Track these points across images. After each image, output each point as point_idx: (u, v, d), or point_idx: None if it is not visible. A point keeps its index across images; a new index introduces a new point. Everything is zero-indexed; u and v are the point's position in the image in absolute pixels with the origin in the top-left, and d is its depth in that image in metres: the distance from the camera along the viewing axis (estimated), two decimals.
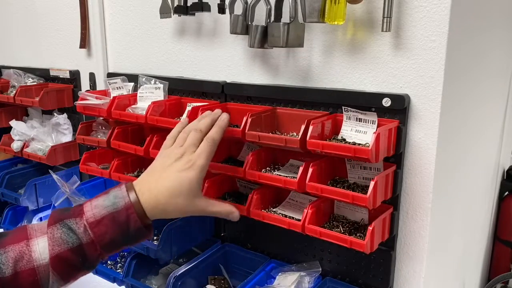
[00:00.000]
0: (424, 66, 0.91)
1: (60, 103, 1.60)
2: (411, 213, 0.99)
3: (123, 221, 0.77)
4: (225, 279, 1.22)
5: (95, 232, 0.76)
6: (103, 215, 0.76)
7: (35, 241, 0.75)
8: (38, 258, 0.74)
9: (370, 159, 0.84)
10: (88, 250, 0.76)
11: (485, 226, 1.61)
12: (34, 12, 1.72)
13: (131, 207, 0.78)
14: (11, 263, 0.73)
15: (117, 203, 0.78)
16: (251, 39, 1.04)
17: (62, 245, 0.75)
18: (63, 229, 0.75)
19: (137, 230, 0.78)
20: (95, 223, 0.76)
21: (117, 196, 0.79)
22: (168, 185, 0.82)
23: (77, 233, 0.75)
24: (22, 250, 0.74)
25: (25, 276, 0.73)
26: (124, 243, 0.80)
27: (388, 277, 1.04)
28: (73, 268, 0.77)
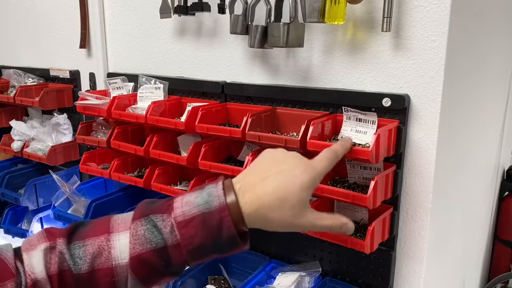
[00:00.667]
0: (424, 66, 0.91)
1: (60, 103, 1.60)
2: (411, 213, 0.99)
3: (215, 225, 0.64)
4: (225, 279, 1.22)
5: (183, 234, 0.64)
6: (193, 215, 0.64)
7: (116, 236, 0.66)
8: (118, 257, 0.65)
9: (370, 160, 0.84)
10: (172, 254, 0.65)
11: (485, 226, 1.61)
12: (34, 12, 1.72)
13: (225, 210, 0.64)
14: (89, 258, 0.64)
15: (211, 202, 0.64)
16: (251, 39, 1.04)
17: (145, 245, 0.64)
18: (148, 226, 0.65)
19: (231, 237, 0.65)
20: (183, 223, 0.64)
21: (212, 193, 0.65)
22: (275, 187, 0.66)
23: (162, 232, 0.64)
24: (101, 245, 0.65)
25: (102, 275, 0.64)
26: (214, 251, 0.67)
27: (388, 277, 1.04)
28: (155, 272, 0.66)
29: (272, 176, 0.67)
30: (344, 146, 0.82)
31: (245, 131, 0.98)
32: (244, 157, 1.05)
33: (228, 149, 1.18)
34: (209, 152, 1.10)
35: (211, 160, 1.10)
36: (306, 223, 0.68)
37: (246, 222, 0.67)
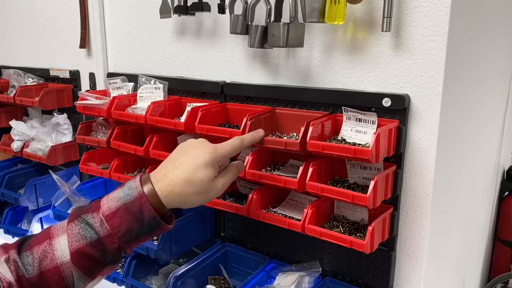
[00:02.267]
0: (424, 66, 0.91)
1: (60, 103, 1.60)
2: (411, 213, 0.99)
3: (136, 211, 0.76)
4: (225, 279, 1.22)
5: (111, 224, 0.76)
6: (117, 207, 0.77)
7: (57, 239, 0.76)
8: (60, 256, 0.75)
9: (370, 159, 0.84)
10: (107, 244, 0.76)
11: (485, 226, 1.61)
12: (34, 12, 1.72)
13: (143, 196, 0.77)
14: (36, 263, 0.74)
15: (131, 193, 0.78)
16: (251, 39, 1.04)
17: (81, 241, 0.75)
18: (81, 225, 0.76)
19: (152, 219, 0.77)
20: (110, 215, 0.76)
21: (131, 187, 0.79)
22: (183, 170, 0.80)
23: (94, 227, 0.76)
24: (45, 250, 0.76)
25: (50, 274, 0.74)
26: (142, 234, 0.78)
27: (388, 277, 1.04)
28: (96, 263, 0.77)
29: (179, 162, 0.81)
30: (253, 137, 0.94)
31: (245, 132, 0.98)
32: (244, 157, 1.05)
33: None
34: None
35: None
36: (219, 188, 0.84)
37: (165, 204, 0.79)
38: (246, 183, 1.17)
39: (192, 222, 1.25)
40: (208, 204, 1.12)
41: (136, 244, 0.80)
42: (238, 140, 0.89)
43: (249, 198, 1.04)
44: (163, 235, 1.16)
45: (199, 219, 1.28)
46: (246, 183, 1.17)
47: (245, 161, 1.01)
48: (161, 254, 1.17)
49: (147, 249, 1.18)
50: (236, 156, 1.18)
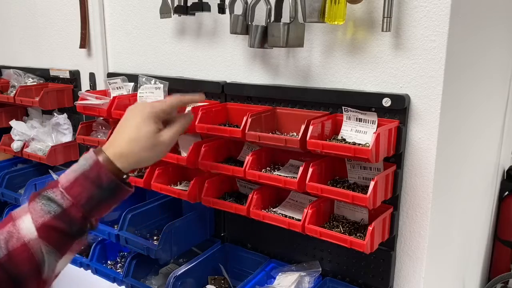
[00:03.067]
0: (424, 66, 0.91)
1: (60, 103, 1.60)
2: (411, 213, 0.99)
3: (94, 177, 0.79)
4: (225, 279, 1.22)
5: (72, 194, 0.77)
6: (75, 177, 0.78)
7: (20, 220, 0.76)
8: (26, 234, 0.75)
9: (370, 159, 0.84)
10: (71, 214, 0.77)
11: (485, 226, 1.61)
12: (34, 12, 1.72)
13: (98, 163, 0.79)
14: (3, 244, 0.74)
15: (86, 163, 0.80)
16: (251, 39, 1.04)
17: (45, 215, 0.76)
18: (43, 201, 0.77)
19: (111, 182, 0.79)
20: (70, 186, 0.78)
21: (86, 158, 0.81)
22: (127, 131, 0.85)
23: (56, 200, 0.77)
24: (10, 231, 0.75)
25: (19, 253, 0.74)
26: (104, 199, 0.80)
27: (388, 277, 1.04)
28: (64, 236, 0.77)
29: (122, 126, 0.87)
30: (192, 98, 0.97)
31: (245, 131, 0.98)
32: (244, 157, 1.05)
33: (228, 149, 1.18)
34: (209, 152, 1.10)
35: (211, 160, 1.10)
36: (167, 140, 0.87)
37: (120, 167, 0.81)
38: (246, 183, 1.17)
39: (192, 222, 1.25)
40: (208, 204, 1.12)
41: (101, 212, 0.81)
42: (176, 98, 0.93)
43: (249, 198, 1.04)
44: (163, 235, 1.17)
45: (199, 219, 1.28)
46: (246, 183, 1.17)
47: (245, 161, 1.02)
48: (161, 254, 1.17)
49: (147, 249, 1.18)
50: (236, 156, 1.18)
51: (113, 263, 1.40)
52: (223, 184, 1.17)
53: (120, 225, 1.24)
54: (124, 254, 1.43)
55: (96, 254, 1.35)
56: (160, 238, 1.17)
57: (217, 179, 1.14)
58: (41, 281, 0.76)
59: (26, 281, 0.74)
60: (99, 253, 1.35)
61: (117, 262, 1.40)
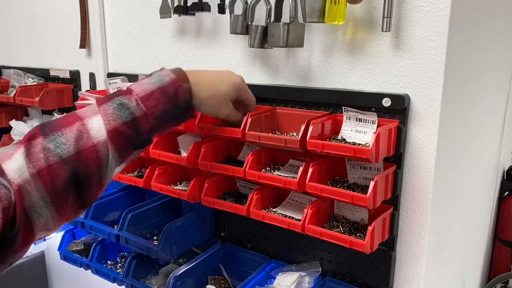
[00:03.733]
0: (424, 66, 0.91)
1: (60, 103, 1.60)
2: (411, 213, 0.99)
3: (172, 93, 0.80)
4: (225, 279, 1.22)
5: (147, 105, 0.78)
6: (153, 89, 0.79)
7: (89, 120, 0.75)
8: (96, 135, 0.74)
9: (370, 159, 0.84)
10: (141, 123, 0.78)
11: (485, 226, 1.61)
12: (34, 12, 1.72)
13: (177, 81, 0.82)
14: (72, 141, 0.72)
15: (164, 79, 0.81)
16: (251, 39, 1.04)
17: (117, 120, 0.76)
18: (115, 105, 0.77)
19: (186, 102, 0.82)
20: (146, 96, 0.78)
21: (162, 74, 0.82)
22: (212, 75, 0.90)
23: (129, 107, 0.77)
24: (79, 129, 0.74)
25: (88, 153, 0.73)
26: (175, 116, 0.83)
27: (388, 277, 1.04)
28: (129, 144, 0.78)
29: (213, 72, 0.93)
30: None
31: (245, 131, 0.98)
32: (244, 157, 1.05)
33: (228, 149, 1.18)
34: (209, 152, 1.10)
35: (211, 160, 1.10)
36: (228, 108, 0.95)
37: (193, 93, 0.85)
38: (246, 183, 1.17)
39: (192, 222, 1.25)
40: (208, 204, 1.12)
41: (165, 129, 0.84)
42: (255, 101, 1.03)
43: (249, 198, 1.04)
44: (163, 235, 1.17)
45: (199, 219, 1.28)
46: (246, 183, 1.17)
47: (245, 161, 1.02)
48: (161, 254, 1.17)
49: (147, 249, 1.18)
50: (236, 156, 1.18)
51: (113, 263, 1.40)
52: (223, 184, 1.17)
53: (120, 225, 1.24)
54: (124, 254, 1.43)
55: (96, 254, 1.35)
56: (160, 238, 1.17)
57: (217, 179, 1.14)
58: (101, 184, 0.77)
59: (89, 181, 0.74)
60: (99, 253, 1.35)
61: (117, 262, 1.40)
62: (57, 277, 1.93)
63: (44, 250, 2.00)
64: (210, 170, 1.08)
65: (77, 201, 0.74)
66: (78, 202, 0.74)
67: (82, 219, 1.32)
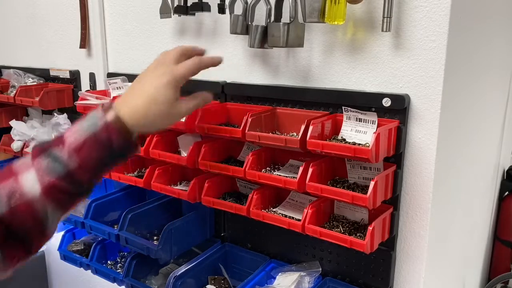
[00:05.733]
0: (424, 66, 0.91)
1: (60, 103, 1.60)
2: (411, 213, 0.99)
3: (105, 139, 0.75)
4: (225, 279, 1.22)
5: (80, 156, 0.74)
6: (85, 138, 0.74)
7: (23, 175, 0.73)
8: (30, 191, 0.72)
9: (370, 159, 0.84)
10: (77, 176, 0.74)
11: (485, 226, 1.61)
12: (34, 12, 1.72)
13: (110, 124, 0.75)
14: (5, 200, 0.70)
15: (96, 123, 0.75)
16: (251, 39, 1.04)
17: (51, 174, 0.72)
18: (49, 159, 0.73)
19: (121, 145, 0.76)
20: (78, 147, 0.74)
21: (95, 116, 0.76)
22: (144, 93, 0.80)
23: (62, 160, 0.73)
24: (12, 186, 0.72)
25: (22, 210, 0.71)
26: (112, 161, 0.78)
27: (388, 277, 1.04)
28: (69, 196, 0.75)
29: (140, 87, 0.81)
30: (212, 59, 0.89)
31: (245, 131, 0.98)
32: (244, 157, 1.05)
33: (228, 149, 1.18)
34: (209, 152, 1.10)
35: (211, 160, 1.10)
36: (182, 111, 0.83)
37: (130, 127, 0.77)
38: (246, 183, 1.17)
39: (192, 222, 1.25)
40: (208, 204, 1.12)
41: (107, 172, 0.79)
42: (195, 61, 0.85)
43: (249, 198, 1.04)
44: (163, 235, 1.17)
45: (199, 219, 1.28)
46: (246, 183, 1.17)
47: (245, 161, 1.02)
48: (161, 254, 1.17)
49: (147, 249, 1.18)
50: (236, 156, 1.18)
51: (113, 263, 1.40)
52: (223, 184, 1.17)
53: (120, 225, 1.24)
54: (124, 254, 1.43)
55: (96, 254, 1.35)
56: (160, 238, 1.17)
57: (217, 179, 1.14)
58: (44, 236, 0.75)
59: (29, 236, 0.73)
60: (99, 253, 1.35)
61: (117, 262, 1.40)
62: (57, 277, 1.93)
63: (44, 250, 1.99)
64: (210, 170, 1.08)
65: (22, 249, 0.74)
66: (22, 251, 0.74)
67: (82, 219, 1.32)
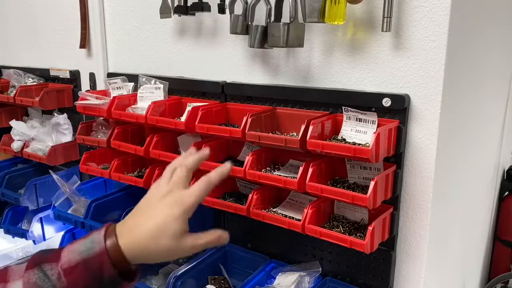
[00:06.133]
0: (424, 66, 0.91)
1: (60, 103, 1.60)
2: (411, 213, 0.99)
3: (96, 269, 0.72)
4: (225, 279, 1.22)
5: (69, 280, 0.71)
6: (77, 261, 0.72)
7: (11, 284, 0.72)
8: None
9: (370, 159, 0.84)
10: None
11: (485, 226, 1.61)
12: (34, 12, 1.72)
13: (104, 253, 0.72)
14: None
15: (92, 248, 0.73)
16: (251, 39, 1.04)
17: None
18: (40, 275, 0.72)
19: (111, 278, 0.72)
20: (69, 270, 0.72)
21: (94, 240, 0.74)
22: (151, 223, 0.76)
23: (51, 280, 0.72)
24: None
25: None
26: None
27: (388, 277, 1.04)
28: None
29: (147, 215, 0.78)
30: (220, 173, 0.83)
31: (245, 131, 0.98)
32: (244, 157, 1.05)
33: (228, 149, 1.18)
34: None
35: (211, 160, 1.10)
36: (187, 247, 0.77)
37: (129, 259, 0.73)
38: (246, 183, 1.17)
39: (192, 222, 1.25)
40: (208, 204, 1.12)
41: None
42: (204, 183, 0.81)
43: (249, 198, 1.04)
44: None
45: (199, 219, 1.28)
46: (246, 183, 1.17)
47: (245, 161, 1.02)
48: None
49: None
50: (236, 156, 1.18)
51: None
52: (223, 184, 1.16)
53: None
54: None
55: None
56: None
57: None
58: None
59: None
60: None
61: None
62: None
63: None
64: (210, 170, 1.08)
65: None
66: None
67: (82, 219, 1.32)
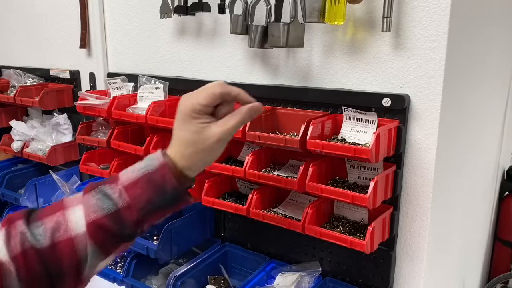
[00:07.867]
0: (424, 66, 0.91)
1: (60, 103, 1.60)
2: (411, 213, 0.99)
3: (158, 181, 0.72)
4: (225, 279, 1.22)
5: (131, 194, 0.71)
6: (138, 177, 0.72)
7: (71, 210, 0.71)
8: (75, 228, 0.69)
9: (370, 159, 0.84)
10: (125, 216, 0.70)
11: (485, 226, 1.61)
12: (34, 12, 1.72)
13: (165, 166, 0.72)
14: (49, 233, 0.68)
15: (152, 164, 0.73)
16: (251, 39, 1.04)
17: (98, 212, 0.70)
18: (99, 195, 0.71)
19: (174, 189, 0.72)
20: (130, 185, 0.71)
21: (151, 158, 0.74)
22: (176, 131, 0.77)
23: (112, 198, 0.70)
24: (58, 220, 0.70)
25: (63, 246, 0.68)
26: (164, 206, 0.73)
27: (388, 277, 1.04)
28: (112, 238, 0.71)
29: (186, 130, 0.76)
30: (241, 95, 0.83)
31: (245, 131, 0.99)
32: (244, 157, 1.05)
33: (228, 149, 1.18)
34: None
35: None
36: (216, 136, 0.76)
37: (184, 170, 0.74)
38: (246, 183, 1.17)
39: (192, 222, 1.25)
40: (208, 204, 1.12)
41: (156, 219, 0.75)
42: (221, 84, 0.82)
43: (249, 198, 1.04)
44: (163, 235, 1.16)
45: (199, 219, 1.28)
46: (246, 183, 1.17)
47: (245, 161, 1.02)
48: (161, 254, 1.17)
49: (147, 249, 1.18)
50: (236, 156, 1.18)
51: (113, 263, 1.40)
52: (223, 184, 1.17)
53: None
54: (124, 254, 1.43)
55: None
56: (160, 238, 1.17)
57: (217, 179, 1.14)
58: (79, 280, 0.71)
59: (63, 277, 0.69)
60: None
61: (117, 262, 1.40)
62: None
63: None
64: (210, 170, 1.08)
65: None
66: None
67: None
